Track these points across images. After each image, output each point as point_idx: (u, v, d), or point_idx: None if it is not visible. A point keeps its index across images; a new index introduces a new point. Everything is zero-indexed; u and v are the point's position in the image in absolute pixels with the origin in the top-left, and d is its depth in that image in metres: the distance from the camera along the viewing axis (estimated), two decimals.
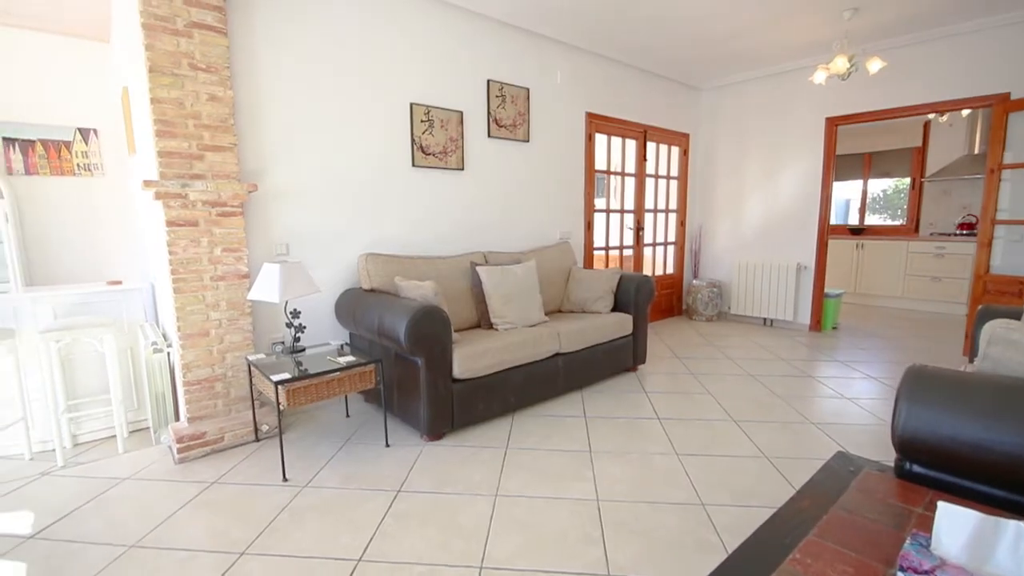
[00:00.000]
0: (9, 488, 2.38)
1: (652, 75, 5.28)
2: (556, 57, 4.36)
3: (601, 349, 3.60)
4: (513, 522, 2.05)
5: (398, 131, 3.46)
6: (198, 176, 2.58)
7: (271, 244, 3.00)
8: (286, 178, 3.02)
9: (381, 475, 2.43)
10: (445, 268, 3.43)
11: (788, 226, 5.37)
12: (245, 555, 1.87)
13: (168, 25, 2.42)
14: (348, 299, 3.12)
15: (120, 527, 2.04)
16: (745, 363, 4.20)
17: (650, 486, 2.31)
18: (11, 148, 3.72)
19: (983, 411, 1.30)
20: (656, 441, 2.78)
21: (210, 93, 2.57)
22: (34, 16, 3.53)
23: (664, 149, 5.71)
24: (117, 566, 1.81)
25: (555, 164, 4.51)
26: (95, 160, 4.03)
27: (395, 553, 1.87)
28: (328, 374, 2.50)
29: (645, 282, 3.87)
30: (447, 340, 2.73)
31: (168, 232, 2.52)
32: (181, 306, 2.59)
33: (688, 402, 3.36)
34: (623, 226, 5.39)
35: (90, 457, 2.70)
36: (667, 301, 6.00)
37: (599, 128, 4.87)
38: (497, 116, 3.98)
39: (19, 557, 1.87)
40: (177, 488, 2.34)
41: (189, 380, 2.65)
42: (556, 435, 2.87)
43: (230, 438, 2.73)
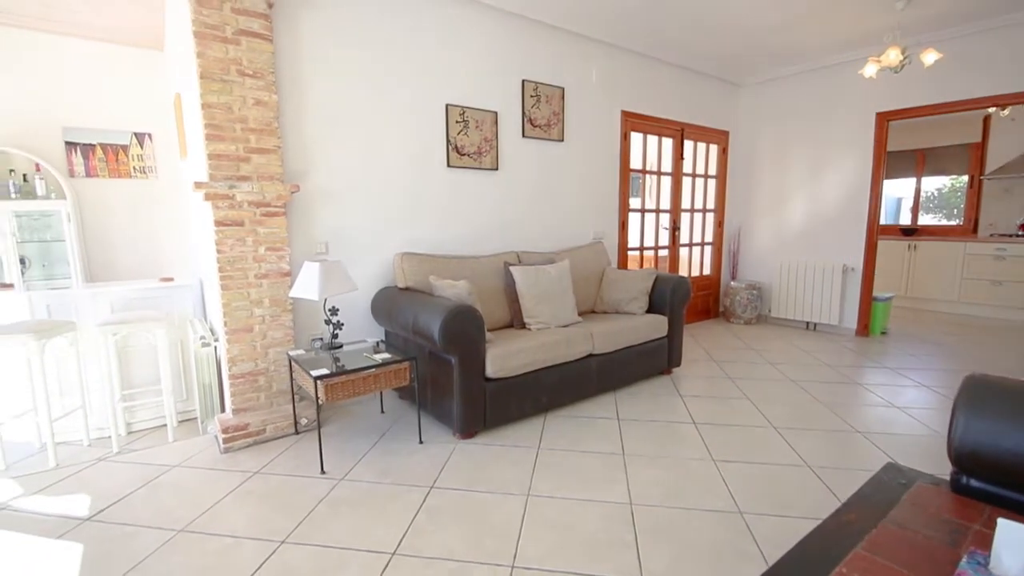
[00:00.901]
0: (68, 472, 2.53)
1: (690, 72, 5.17)
2: (592, 55, 4.32)
3: (635, 351, 3.55)
4: (545, 522, 2.05)
5: (434, 132, 3.51)
6: (244, 178, 2.68)
7: (311, 243, 3.09)
8: (326, 179, 3.10)
9: (415, 471, 2.47)
10: (479, 268, 3.45)
11: (834, 226, 5.16)
12: (286, 543, 1.93)
13: (218, 33, 2.53)
14: (384, 297, 3.18)
15: (169, 512, 2.15)
16: (786, 368, 4.06)
17: (685, 492, 2.26)
18: (73, 152, 3.97)
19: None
20: (691, 446, 2.72)
21: (256, 98, 2.67)
22: (95, 27, 3.75)
23: (702, 147, 5.58)
24: (167, 550, 1.91)
25: (589, 164, 4.48)
26: (149, 163, 4.25)
27: (428, 548, 1.90)
28: (364, 371, 2.55)
29: (681, 283, 3.79)
30: (480, 339, 2.75)
31: (216, 231, 2.63)
32: (227, 302, 2.70)
33: (725, 407, 3.27)
34: (658, 226, 5.30)
35: (142, 445, 2.85)
36: (703, 303, 5.86)
37: (635, 127, 4.80)
38: (532, 116, 3.98)
39: (77, 538, 1.98)
40: (222, 477, 2.44)
41: (234, 373, 2.76)
42: (588, 437, 2.84)
43: (271, 430, 2.83)
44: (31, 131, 3.78)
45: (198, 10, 2.46)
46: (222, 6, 2.52)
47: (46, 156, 3.78)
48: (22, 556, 1.87)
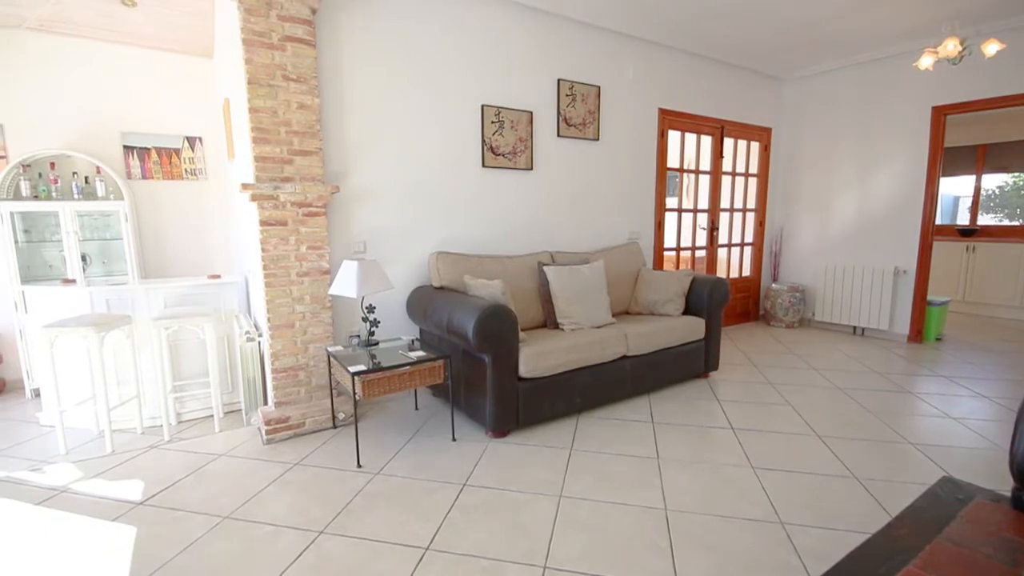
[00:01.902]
0: (123, 458, 2.68)
1: (730, 67, 5.03)
2: (628, 52, 4.26)
3: (670, 353, 3.48)
4: (577, 524, 2.03)
5: (469, 132, 3.54)
6: (288, 179, 2.78)
7: (350, 242, 3.17)
8: (364, 179, 3.17)
9: (448, 468, 2.50)
10: (512, 267, 3.46)
11: (885, 226, 4.92)
12: (324, 534, 1.99)
13: (264, 40, 2.62)
14: (419, 296, 3.23)
15: (216, 499, 2.24)
16: (831, 374, 3.90)
17: (723, 499, 2.21)
18: (130, 155, 4.19)
19: None
20: (729, 452, 2.65)
21: (300, 101, 2.76)
22: (151, 37, 3.96)
23: (743, 145, 5.42)
24: (213, 535, 1.99)
25: (625, 163, 4.42)
26: (200, 165, 4.45)
27: (461, 545, 1.91)
28: (400, 368, 2.60)
29: (719, 285, 3.70)
30: (514, 339, 2.75)
31: (261, 231, 2.73)
32: (271, 299, 2.80)
33: (765, 413, 3.17)
34: (696, 226, 5.18)
35: (191, 434, 2.99)
36: (742, 305, 5.69)
37: (672, 124, 4.71)
38: (567, 115, 3.96)
39: (130, 521, 2.10)
40: (265, 467, 2.54)
41: (276, 368, 2.86)
42: (622, 439, 2.81)
43: (310, 423, 2.91)
44: (93, 136, 4.02)
45: (247, 18, 2.56)
46: (269, 13, 2.61)
47: (106, 159, 4.01)
48: (81, 537, 2.00)
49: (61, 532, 2.02)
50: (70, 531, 2.02)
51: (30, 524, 2.08)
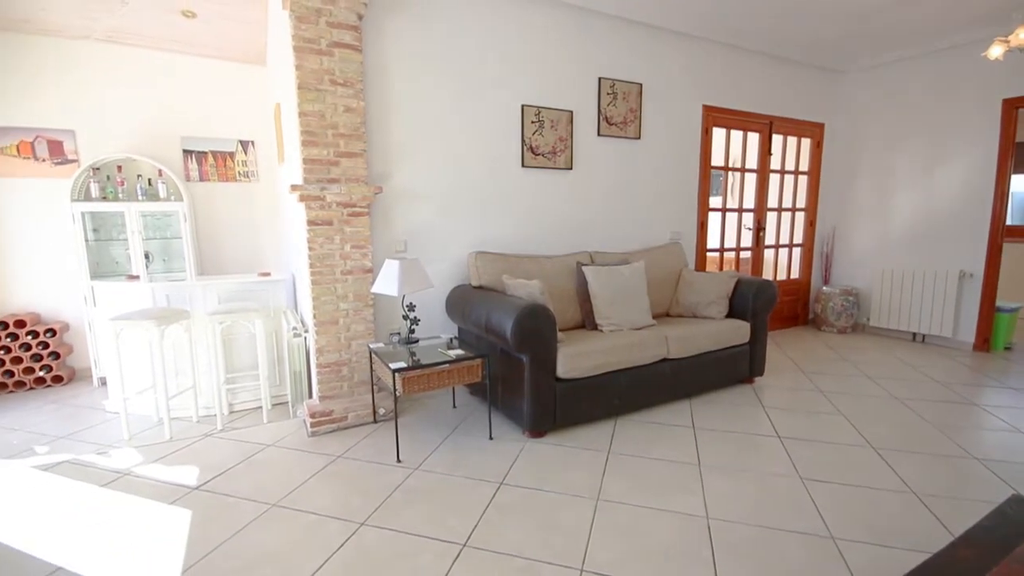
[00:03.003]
0: (180, 445, 2.83)
1: (780, 60, 4.84)
2: (671, 48, 4.17)
3: (713, 357, 3.38)
4: (615, 528, 2.01)
5: (509, 133, 3.55)
6: (334, 180, 2.87)
7: (392, 241, 3.24)
8: (406, 180, 3.24)
9: (485, 466, 2.52)
10: (551, 267, 3.45)
11: (949, 227, 4.61)
12: (365, 525, 2.04)
13: (314, 46, 2.72)
14: (458, 295, 3.27)
15: (264, 487, 2.34)
16: (888, 383, 3.69)
17: (769, 510, 2.13)
18: (189, 159, 4.43)
19: None
20: (776, 461, 2.55)
21: (346, 105, 2.84)
22: (210, 46, 4.17)
23: (792, 142, 5.21)
24: (262, 521, 2.08)
25: (667, 161, 4.33)
26: (252, 168, 4.65)
27: (497, 543, 1.92)
28: (439, 366, 2.64)
29: (766, 287, 3.56)
30: (552, 339, 2.74)
31: (308, 230, 2.83)
32: (317, 296, 2.89)
33: (815, 422, 3.03)
34: (740, 226, 5.01)
35: (241, 424, 3.13)
36: (790, 309, 5.47)
37: (717, 121, 4.57)
38: (607, 114, 3.91)
39: (186, 505, 2.22)
40: (309, 458, 2.63)
41: (321, 363, 2.96)
42: (661, 444, 2.75)
43: (353, 418, 3.00)
44: (155, 140, 4.27)
45: (297, 25, 2.66)
46: (318, 20, 2.70)
47: (167, 162, 4.26)
48: (141, 518, 2.12)
49: (124, 513, 2.15)
50: (132, 512, 2.16)
51: (97, 504, 2.23)
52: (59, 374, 3.92)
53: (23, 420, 3.25)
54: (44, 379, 3.89)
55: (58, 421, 3.22)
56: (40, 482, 2.42)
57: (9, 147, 3.85)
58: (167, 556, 1.86)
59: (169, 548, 1.91)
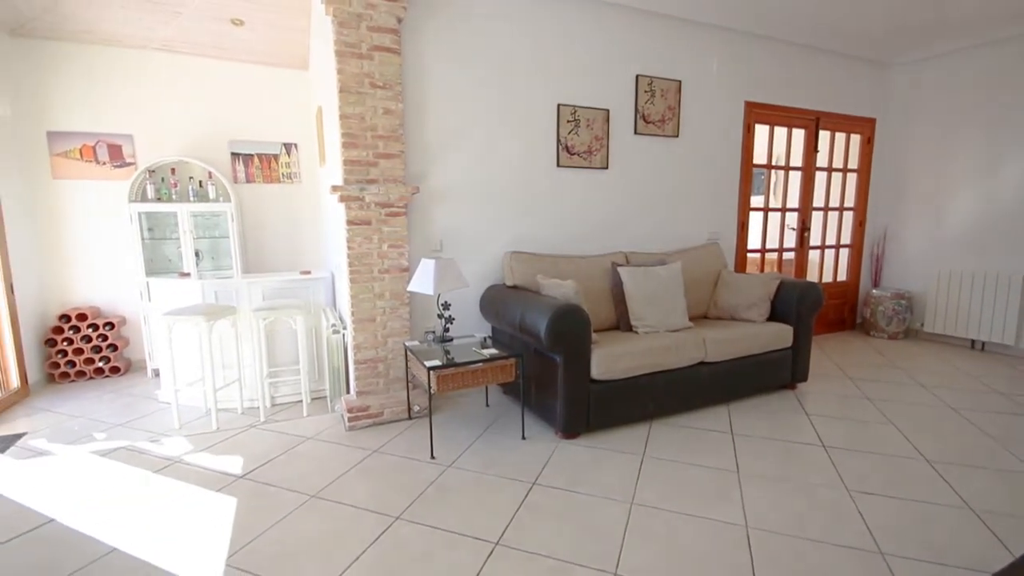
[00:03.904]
0: (226, 435, 2.95)
1: (827, 53, 4.64)
2: (711, 44, 4.06)
3: (753, 361, 3.28)
4: (649, 533, 1.97)
5: (545, 132, 3.54)
6: (372, 181, 2.93)
7: (427, 241, 3.28)
8: (442, 180, 3.27)
9: (518, 466, 2.52)
10: (586, 267, 3.42)
11: (1014, 227, 4.32)
12: (400, 520, 2.08)
13: (355, 50, 2.78)
14: (492, 294, 3.28)
15: (304, 478, 2.41)
16: (944, 393, 3.49)
17: (813, 521, 2.04)
18: (237, 161, 4.62)
19: None
20: (820, 471, 2.45)
21: (385, 107, 2.90)
22: (255, 52, 4.33)
23: (841, 138, 4.99)
24: (303, 511, 2.15)
25: (707, 160, 4.22)
26: (295, 170, 4.81)
27: (530, 543, 1.92)
28: (473, 364, 2.66)
29: (810, 289, 3.43)
30: (586, 340, 2.72)
31: (348, 230, 2.90)
32: (355, 294, 2.96)
33: (863, 431, 2.89)
34: (784, 226, 4.84)
35: (283, 416, 3.23)
36: (836, 312, 5.24)
37: (760, 118, 4.43)
38: (645, 112, 3.85)
39: (232, 492, 2.31)
40: (347, 452, 2.69)
41: (359, 359, 3.03)
42: (698, 449, 2.68)
43: (388, 413, 3.06)
44: (206, 144, 4.47)
45: (340, 30, 2.73)
46: (359, 25, 2.77)
47: (216, 165, 4.45)
48: (191, 503, 2.23)
49: (175, 498, 2.26)
50: (182, 497, 2.26)
51: (150, 489, 2.35)
52: (116, 365, 4.16)
53: (84, 408, 3.46)
54: (103, 370, 4.13)
55: (115, 410, 3.42)
56: (98, 467, 2.57)
57: (73, 151, 4.11)
58: (214, 541, 1.95)
59: (216, 534, 2.00)
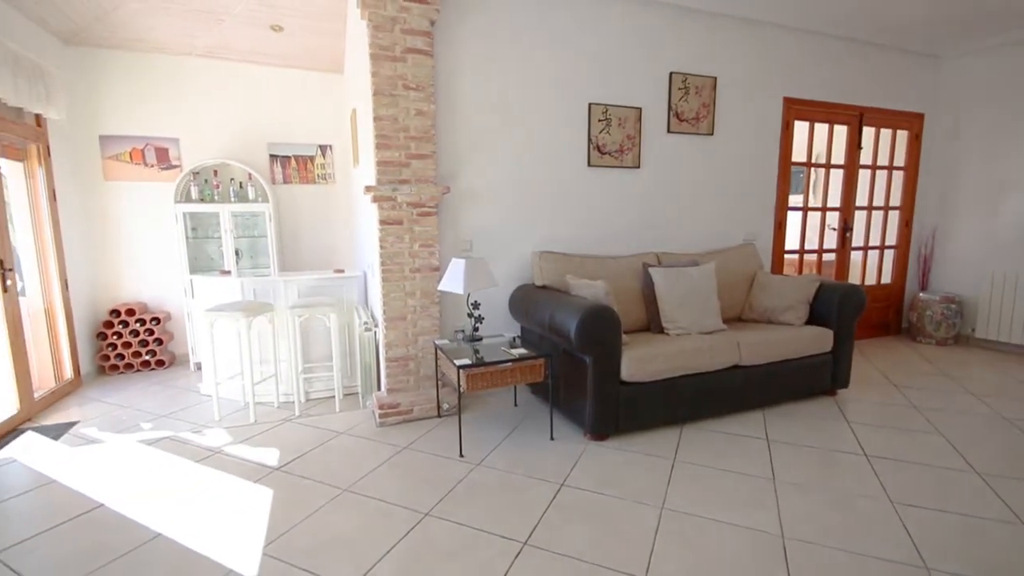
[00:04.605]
0: (263, 428, 3.05)
1: (872, 46, 4.45)
2: (749, 39, 3.96)
3: (791, 366, 3.18)
4: (681, 539, 1.94)
5: (575, 132, 3.52)
6: (404, 181, 2.97)
7: (458, 240, 3.31)
8: (473, 180, 3.29)
9: (546, 466, 2.51)
10: (616, 268, 3.39)
11: None
12: (429, 516, 2.10)
13: (389, 53, 2.83)
14: (521, 294, 3.28)
15: (337, 472, 2.47)
16: (997, 402, 3.30)
17: (853, 533, 1.97)
18: (275, 163, 4.76)
19: None
20: (861, 481, 2.35)
21: (417, 108, 2.94)
22: (292, 57, 4.45)
23: (886, 134, 4.78)
24: (336, 504, 2.20)
25: (742, 158, 4.11)
26: (329, 171, 4.92)
27: (558, 544, 1.91)
28: (502, 364, 2.66)
29: (853, 292, 3.30)
30: (617, 341, 2.69)
31: (380, 229, 2.95)
32: (387, 293, 3.01)
33: (908, 441, 2.77)
34: (824, 226, 4.67)
35: (316, 411, 3.32)
36: (880, 316, 5.02)
37: (799, 114, 4.29)
38: (679, 110, 3.78)
39: (268, 483, 2.38)
40: (377, 447, 2.74)
41: (390, 357, 3.08)
42: (731, 455, 2.62)
43: (418, 411, 3.10)
44: (246, 146, 4.63)
45: (374, 34, 2.78)
46: (393, 28, 2.81)
47: (256, 166, 4.60)
48: (231, 493, 2.31)
49: (215, 487, 2.35)
50: (222, 487, 2.35)
51: (192, 478, 2.45)
52: (162, 358, 4.35)
53: (131, 399, 3.63)
54: (149, 363, 4.33)
55: (160, 401, 3.57)
56: (145, 456, 2.69)
57: (123, 154, 4.32)
58: (252, 531, 2.01)
59: (253, 523, 2.06)
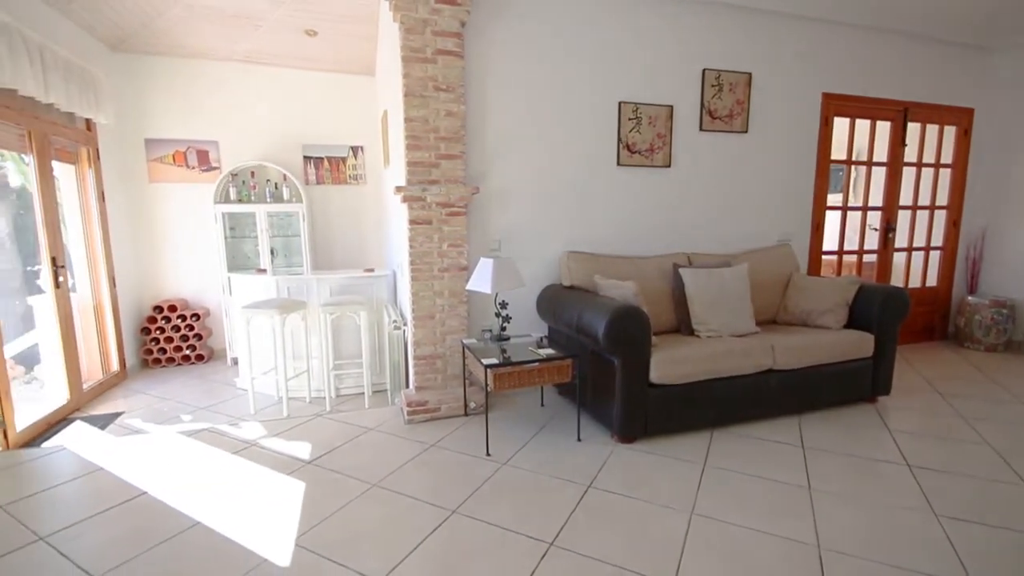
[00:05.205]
0: (296, 423, 3.12)
1: (917, 38, 4.26)
2: (785, 33, 3.84)
3: (828, 371, 3.07)
4: (710, 546, 1.89)
5: (605, 131, 3.49)
6: (434, 181, 3.00)
7: (486, 240, 3.32)
8: (502, 180, 3.30)
9: (573, 467, 2.49)
10: (645, 268, 3.34)
11: None
12: (456, 513, 2.11)
13: (419, 55, 2.86)
14: (549, 294, 3.27)
15: (366, 468, 2.51)
16: None
17: (894, 546, 1.89)
18: (308, 164, 4.88)
19: None
20: (903, 492, 2.25)
21: (447, 109, 2.96)
22: (326, 61, 4.56)
23: (932, 130, 4.57)
24: (365, 498, 2.24)
25: (778, 156, 3.99)
26: (360, 171, 5.02)
27: (584, 546, 1.90)
28: (530, 364, 2.66)
29: (895, 296, 3.17)
30: (646, 342, 2.65)
31: (410, 229, 2.99)
32: (416, 292, 3.05)
33: (954, 451, 2.64)
34: (864, 227, 4.50)
35: (346, 407, 3.38)
36: (924, 320, 4.81)
37: (839, 110, 4.14)
38: (711, 107, 3.70)
39: (301, 476, 2.44)
40: (405, 444, 2.78)
41: (418, 355, 3.12)
42: (764, 461, 2.55)
43: (445, 409, 3.12)
44: (281, 148, 4.76)
45: (406, 36, 2.82)
46: (424, 30, 2.84)
47: (290, 168, 4.72)
48: (265, 485, 2.37)
49: (251, 479, 2.42)
50: (257, 479, 2.42)
51: (229, 470, 2.53)
52: (201, 353, 4.51)
53: (172, 391, 3.78)
54: (189, 357, 4.50)
55: (199, 394, 3.71)
56: (185, 446, 2.80)
57: (167, 156, 4.50)
58: (285, 522, 2.07)
59: (286, 515, 2.12)
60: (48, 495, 2.31)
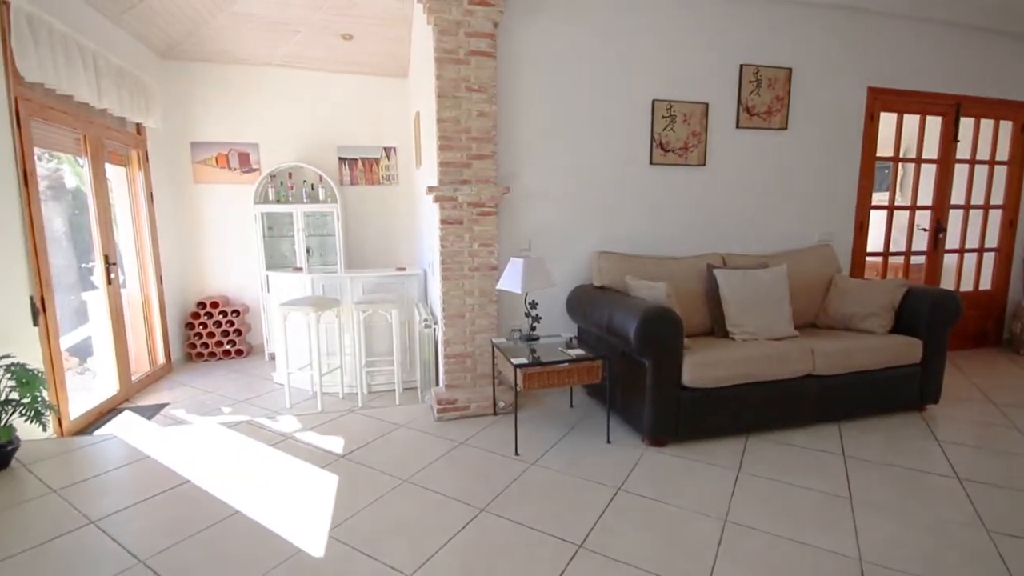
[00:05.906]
0: (329, 418, 3.19)
1: (972, 29, 4.03)
2: (828, 26, 3.70)
3: (872, 377, 2.95)
4: (745, 555, 1.84)
5: (638, 130, 3.44)
6: (465, 181, 3.02)
7: (517, 240, 3.32)
8: (533, 180, 3.30)
9: (602, 470, 2.47)
10: (677, 269, 3.28)
11: None
12: (484, 512, 2.12)
13: (453, 56, 2.89)
14: (579, 294, 3.25)
15: (397, 463, 2.55)
16: None
17: (943, 563, 1.79)
18: (343, 165, 4.99)
19: None
20: (953, 506, 2.14)
21: (479, 110, 2.98)
22: (360, 64, 4.65)
23: (987, 125, 4.32)
24: (396, 494, 2.27)
25: (819, 153, 3.85)
26: (393, 172, 5.10)
27: (614, 549, 1.88)
28: (559, 364, 2.65)
29: (946, 299, 3.01)
30: (678, 344, 2.61)
31: (441, 229, 3.02)
32: (446, 291, 3.08)
33: (1009, 464, 2.49)
34: (912, 227, 4.29)
35: (377, 403, 3.45)
36: (976, 326, 4.56)
37: (886, 105, 3.96)
38: (749, 104, 3.60)
39: (334, 470, 2.50)
40: (435, 441, 2.81)
41: (448, 353, 3.14)
42: (802, 470, 2.46)
43: (474, 408, 3.14)
44: (317, 150, 4.89)
45: (440, 38, 2.85)
46: (457, 31, 2.86)
47: (326, 169, 4.84)
48: (300, 477, 2.44)
49: (287, 471, 2.49)
50: (293, 471, 2.49)
51: (267, 461, 2.61)
52: (240, 348, 4.68)
53: (214, 384, 3.93)
54: (229, 351, 4.66)
55: (239, 388, 3.84)
56: (225, 437, 2.90)
57: (210, 159, 4.68)
58: (319, 513, 2.12)
59: (320, 507, 2.17)
60: (99, 481, 2.43)
